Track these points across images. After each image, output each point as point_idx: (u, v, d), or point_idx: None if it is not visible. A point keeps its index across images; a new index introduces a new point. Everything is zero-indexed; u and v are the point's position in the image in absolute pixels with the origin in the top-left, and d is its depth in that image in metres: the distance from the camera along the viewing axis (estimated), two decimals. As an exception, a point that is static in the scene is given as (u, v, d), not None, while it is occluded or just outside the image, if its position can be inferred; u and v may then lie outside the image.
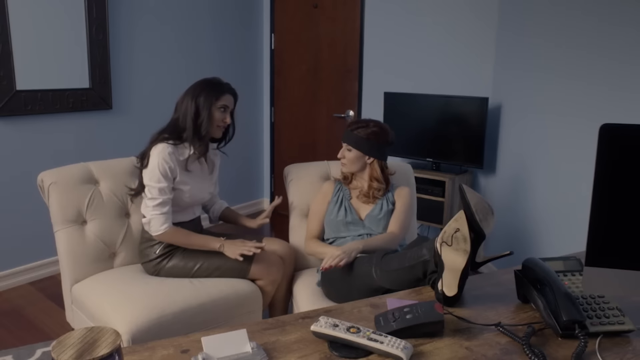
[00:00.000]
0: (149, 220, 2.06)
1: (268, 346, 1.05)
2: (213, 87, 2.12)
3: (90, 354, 0.76)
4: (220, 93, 2.12)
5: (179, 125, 2.11)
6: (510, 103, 3.16)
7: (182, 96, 2.15)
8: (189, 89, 2.14)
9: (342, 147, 2.21)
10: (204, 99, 2.09)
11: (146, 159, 2.09)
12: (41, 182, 2.13)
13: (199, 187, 2.19)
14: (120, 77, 3.53)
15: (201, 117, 2.09)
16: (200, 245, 2.09)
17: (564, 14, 2.56)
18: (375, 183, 2.19)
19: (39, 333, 2.60)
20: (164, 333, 1.85)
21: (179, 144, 2.09)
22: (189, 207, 2.20)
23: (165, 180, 2.04)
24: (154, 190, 2.04)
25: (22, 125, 3.08)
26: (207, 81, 2.14)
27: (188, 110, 2.09)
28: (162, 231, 2.06)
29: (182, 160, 2.10)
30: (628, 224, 0.97)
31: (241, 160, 4.53)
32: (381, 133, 2.17)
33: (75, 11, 3.18)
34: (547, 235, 2.76)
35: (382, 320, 1.11)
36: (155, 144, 2.07)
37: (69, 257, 2.12)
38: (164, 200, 2.05)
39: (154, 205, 2.04)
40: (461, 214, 1.24)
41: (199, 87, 2.12)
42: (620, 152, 0.95)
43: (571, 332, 1.06)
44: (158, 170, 2.04)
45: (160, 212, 2.05)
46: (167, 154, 2.04)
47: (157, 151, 2.05)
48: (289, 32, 4.37)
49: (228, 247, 2.06)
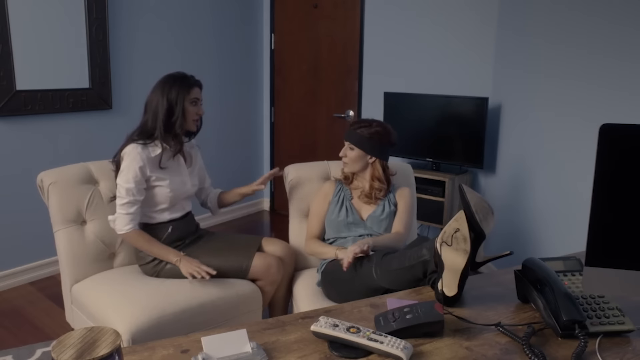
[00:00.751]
0: (115, 219, 2.07)
1: (268, 346, 1.05)
2: (181, 82, 2.11)
3: (90, 354, 0.76)
4: (189, 87, 2.12)
5: (149, 125, 2.10)
6: (510, 103, 3.16)
7: (149, 96, 2.13)
8: (156, 88, 2.13)
9: (344, 146, 2.21)
10: (175, 94, 2.08)
11: (119, 162, 2.10)
12: (41, 182, 2.13)
13: (179, 181, 2.18)
14: (120, 77, 3.53)
15: (175, 114, 2.08)
16: (159, 255, 2.09)
17: (564, 14, 2.56)
18: (377, 183, 2.19)
19: (39, 333, 2.60)
20: (164, 333, 1.85)
21: (149, 142, 2.09)
22: (176, 202, 2.19)
23: (134, 180, 2.04)
24: (122, 190, 2.05)
25: (22, 125, 3.08)
26: (172, 77, 2.13)
27: (159, 108, 2.08)
28: (124, 231, 2.06)
29: (154, 157, 2.10)
30: (628, 224, 0.97)
31: (241, 160, 4.53)
32: (384, 133, 2.17)
33: (75, 11, 3.18)
34: (547, 235, 2.76)
35: (382, 320, 1.11)
36: (126, 146, 2.08)
37: (69, 257, 2.12)
38: (130, 201, 2.05)
39: (120, 205, 2.06)
40: (461, 214, 1.24)
41: (166, 84, 2.11)
42: (620, 152, 0.95)
43: (571, 332, 1.06)
44: (127, 171, 2.05)
45: (126, 212, 2.05)
46: (136, 154, 2.05)
47: (126, 153, 2.06)
48: (289, 32, 4.38)
49: (183, 264, 2.05)
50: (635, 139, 0.95)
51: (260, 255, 2.15)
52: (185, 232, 2.22)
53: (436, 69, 3.59)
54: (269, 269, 2.13)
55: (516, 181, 3.09)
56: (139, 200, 2.08)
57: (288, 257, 2.25)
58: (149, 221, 2.15)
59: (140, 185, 2.07)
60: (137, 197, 2.06)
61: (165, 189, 2.12)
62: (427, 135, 3.45)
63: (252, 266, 2.12)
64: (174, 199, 2.16)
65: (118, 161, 2.11)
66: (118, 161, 2.11)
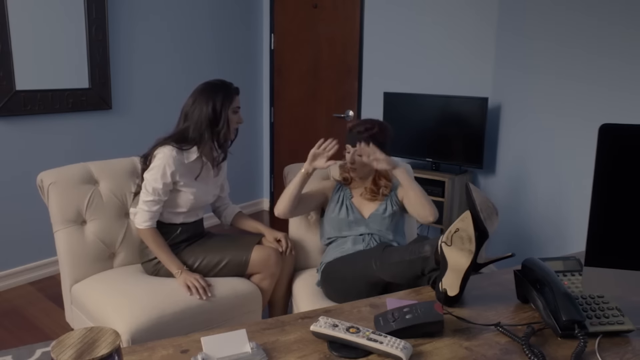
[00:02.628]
0: (136, 212, 2.09)
1: (267, 346, 1.05)
2: (224, 91, 2.10)
3: (90, 354, 0.76)
4: (232, 95, 2.11)
5: (189, 133, 2.09)
6: (510, 103, 3.17)
7: (190, 104, 2.10)
8: (198, 96, 2.09)
9: (351, 152, 2.16)
10: (220, 104, 2.07)
11: (149, 160, 2.10)
12: (41, 182, 2.13)
13: (204, 190, 2.19)
14: (119, 78, 3.53)
15: (220, 124, 2.07)
16: (164, 261, 2.08)
17: (564, 14, 2.56)
18: (383, 180, 2.19)
19: (39, 333, 2.60)
20: (164, 333, 1.85)
21: (185, 148, 2.08)
22: (193, 209, 2.20)
23: (162, 181, 2.05)
24: (149, 187, 2.06)
25: (21, 125, 3.08)
26: (215, 85, 2.11)
27: (203, 118, 2.06)
28: (142, 227, 2.07)
29: (187, 164, 2.10)
30: (627, 224, 0.97)
31: (241, 160, 4.52)
32: (385, 130, 2.18)
33: (75, 11, 3.18)
34: (547, 235, 2.76)
35: (382, 320, 1.11)
36: (161, 146, 2.08)
37: (69, 257, 2.12)
38: (155, 200, 2.06)
39: (144, 201, 2.07)
40: (467, 214, 1.24)
41: (210, 92, 2.08)
42: (619, 152, 0.95)
43: (571, 332, 1.06)
44: (157, 170, 2.05)
45: (148, 209, 2.07)
46: (170, 156, 2.04)
47: (161, 154, 2.06)
48: (289, 32, 4.37)
49: (183, 276, 2.04)
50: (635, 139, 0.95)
51: (260, 248, 2.16)
52: (193, 235, 2.23)
53: (436, 69, 3.59)
54: (268, 260, 2.13)
55: (516, 181, 3.09)
56: (162, 201, 2.09)
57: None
58: (162, 219, 2.15)
59: (167, 187, 2.08)
60: (161, 197, 2.08)
61: (189, 196, 2.13)
62: (427, 135, 3.45)
63: (252, 258, 2.12)
64: (194, 205, 2.17)
65: (147, 156, 2.11)
66: (147, 156, 2.11)
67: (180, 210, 2.16)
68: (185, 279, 2.02)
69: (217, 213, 2.43)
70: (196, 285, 2.00)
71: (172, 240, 2.15)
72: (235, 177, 4.43)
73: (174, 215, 2.17)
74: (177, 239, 2.17)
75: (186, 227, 2.19)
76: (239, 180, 4.53)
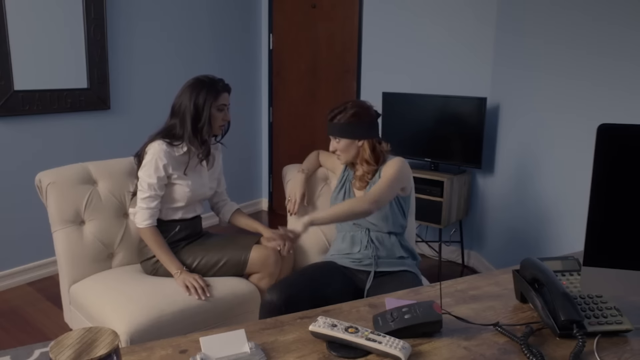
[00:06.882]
0: (136, 212, 2.09)
1: (266, 346, 1.05)
2: (209, 87, 2.10)
3: (89, 354, 0.76)
4: (217, 93, 2.10)
5: (176, 129, 2.10)
6: (508, 103, 3.17)
7: (177, 99, 2.13)
8: (184, 91, 2.11)
9: (331, 140, 2.14)
10: (203, 101, 2.07)
11: (142, 157, 2.11)
12: (39, 182, 2.13)
13: (199, 183, 2.19)
14: (118, 78, 3.52)
15: (202, 121, 2.08)
16: (164, 261, 2.08)
17: (563, 14, 2.56)
18: (365, 166, 2.11)
19: (37, 333, 2.59)
20: (163, 333, 1.84)
21: (175, 143, 2.09)
22: (191, 203, 2.20)
23: (155, 176, 2.05)
24: (144, 184, 2.07)
25: (20, 125, 3.08)
26: (201, 81, 2.11)
27: (186, 114, 2.08)
28: (143, 226, 2.08)
29: (178, 157, 2.11)
30: (626, 223, 0.98)
31: (239, 160, 4.52)
32: (362, 112, 2.08)
33: (73, 11, 3.18)
34: (545, 235, 2.77)
35: (381, 320, 1.11)
36: (151, 142, 2.09)
37: (67, 258, 2.11)
38: (152, 196, 2.07)
39: (142, 198, 2.07)
40: None
41: (195, 88, 2.09)
42: (618, 152, 0.95)
43: (569, 331, 1.06)
44: (149, 166, 2.06)
45: (147, 207, 2.07)
46: (160, 150, 2.05)
47: (152, 149, 2.07)
48: (288, 32, 4.37)
49: (184, 276, 2.04)
50: (633, 139, 0.95)
51: (259, 247, 2.16)
52: (192, 233, 2.23)
53: (435, 69, 3.59)
54: (267, 259, 2.13)
55: (514, 181, 3.10)
56: (159, 195, 2.09)
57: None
58: (161, 217, 2.15)
59: (162, 181, 2.08)
60: (158, 192, 2.08)
61: (185, 188, 2.13)
62: (426, 135, 3.45)
63: (251, 258, 2.12)
64: (191, 199, 2.17)
65: (140, 155, 2.12)
66: (140, 155, 2.12)
67: (178, 205, 2.16)
68: (184, 279, 2.02)
69: (216, 210, 2.43)
70: (195, 286, 2.00)
71: (171, 238, 2.15)
72: (234, 177, 4.43)
73: (172, 211, 2.17)
74: (176, 237, 2.17)
75: (185, 225, 2.19)
76: (238, 180, 4.53)
